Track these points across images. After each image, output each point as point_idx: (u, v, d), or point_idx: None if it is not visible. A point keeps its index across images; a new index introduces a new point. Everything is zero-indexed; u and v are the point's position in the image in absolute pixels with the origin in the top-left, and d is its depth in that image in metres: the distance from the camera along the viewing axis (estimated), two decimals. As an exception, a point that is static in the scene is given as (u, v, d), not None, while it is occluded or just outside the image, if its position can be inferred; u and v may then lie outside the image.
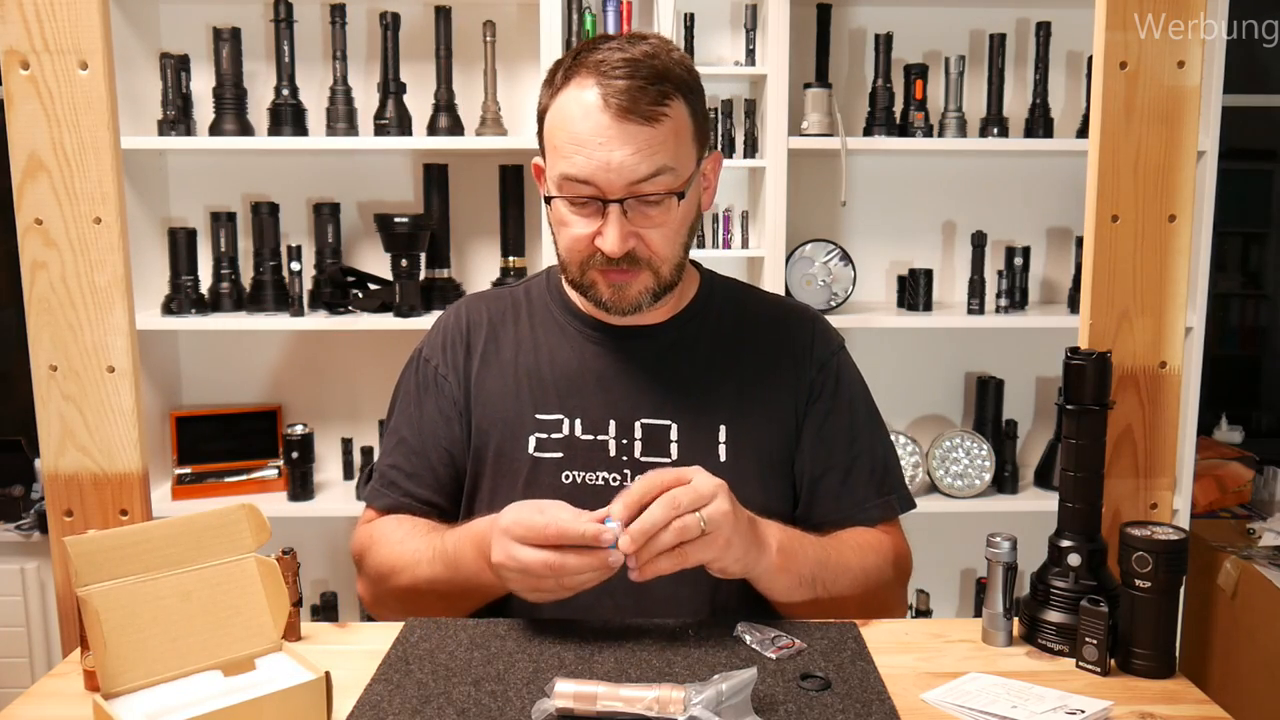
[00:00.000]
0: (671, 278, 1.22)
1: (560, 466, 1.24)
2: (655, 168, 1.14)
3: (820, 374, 1.30)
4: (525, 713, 0.93)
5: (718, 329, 1.31)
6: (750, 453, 1.25)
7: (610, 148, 1.12)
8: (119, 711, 0.88)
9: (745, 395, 1.27)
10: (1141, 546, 1.04)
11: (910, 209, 2.62)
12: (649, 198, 1.15)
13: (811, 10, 2.45)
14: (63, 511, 1.24)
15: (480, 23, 2.40)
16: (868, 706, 0.95)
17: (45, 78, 1.18)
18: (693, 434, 1.25)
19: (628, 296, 1.20)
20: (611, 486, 1.22)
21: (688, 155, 1.18)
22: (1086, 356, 1.12)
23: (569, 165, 1.14)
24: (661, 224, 1.17)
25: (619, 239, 1.15)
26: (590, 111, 1.13)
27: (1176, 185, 1.21)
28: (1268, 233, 3.28)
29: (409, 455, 1.29)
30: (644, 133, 1.13)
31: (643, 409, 1.25)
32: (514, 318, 1.33)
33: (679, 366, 1.28)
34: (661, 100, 1.13)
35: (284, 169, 2.54)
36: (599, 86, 1.13)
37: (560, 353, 1.29)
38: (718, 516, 1.02)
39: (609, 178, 1.13)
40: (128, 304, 1.22)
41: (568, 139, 1.14)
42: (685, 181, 1.17)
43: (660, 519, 1.00)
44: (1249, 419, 3.19)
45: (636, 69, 1.13)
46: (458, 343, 1.31)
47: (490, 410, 1.28)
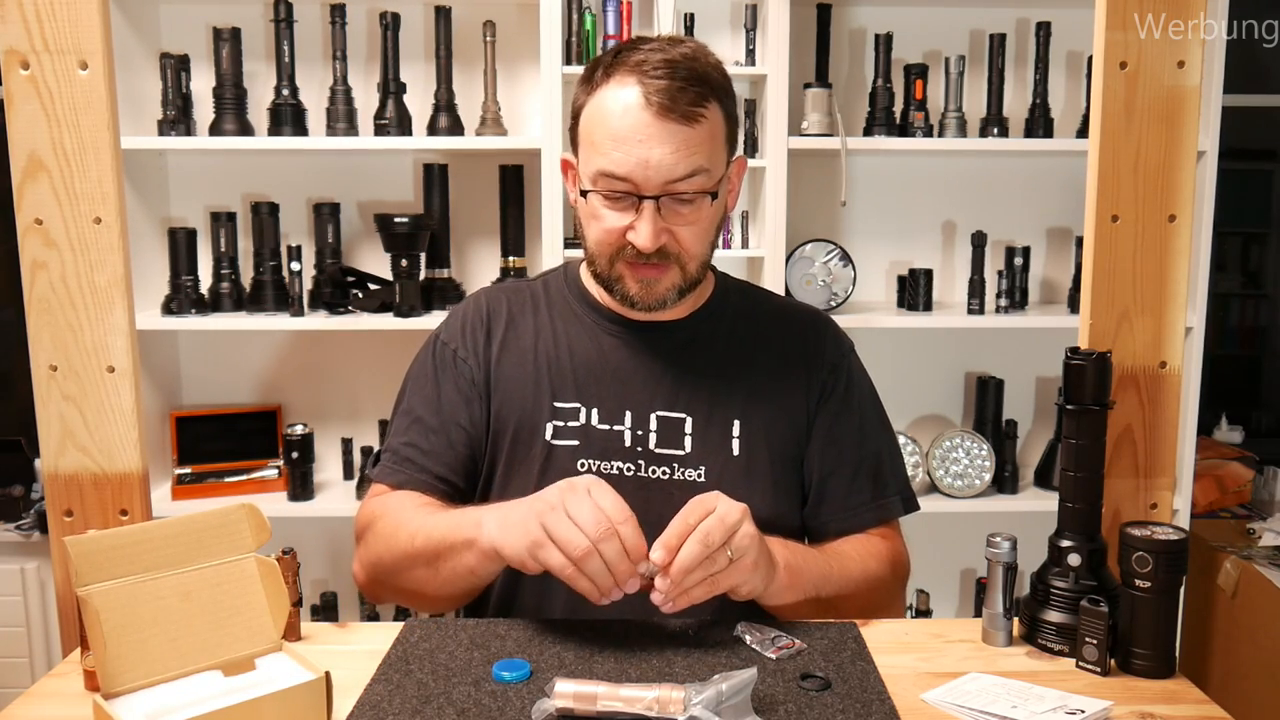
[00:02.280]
0: (698, 274, 1.25)
1: (576, 454, 1.25)
2: (692, 168, 1.16)
3: (831, 375, 1.32)
4: (525, 713, 0.93)
5: (733, 328, 1.33)
6: (762, 448, 1.27)
7: (650, 145, 1.14)
8: (119, 711, 0.88)
9: (758, 392, 1.29)
10: (1141, 546, 1.04)
11: (910, 209, 2.62)
12: (683, 196, 1.17)
13: (811, 10, 2.45)
14: (63, 511, 1.24)
15: (480, 23, 2.40)
16: (868, 706, 0.95)
17: (45, 78, 1.18)
18: (707, 428, 1.26)
19: (656, 291, 1.23)
20: (625, 476, 1.23)
21: (720, 157, 1.20)
22: (1086, 356, 1.12)
23: (607, 161, 1.16)
24: (694, 222, 1.20)
25: (652, 234, 1.17)
26: (631, 109, 1.15)
27: (1176, 185, 1.21)
28: (1268, 233, 3.28)
29: (426, 434, 1.28)
30: (683, 132, 1.15)
31: (659, 401, 1.27)
32: (533, 308, 1.34)
33: (695, 362, 1.29)
34: (700, 101, 1.16)
35: (284, 169, 2.54)
36: (640, 85, 1.15)
37: (579, 343, 1.30)
38: (744, 543, 1.04)
39: (647, 174, 1.15)
40: (128, 304, 1.22)
41: (607, 135, 1.16)
42: (718, 182, 1.20)
43: (697, 555, 1.01)
44: (1249, 419, 3.19)
45: (676, 70, 1.15)
46: (478, 328, 1.32)
47: (509, 396, 1.28)
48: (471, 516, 1.13)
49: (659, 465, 1.24)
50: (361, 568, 1.28)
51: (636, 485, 1.22)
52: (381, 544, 1.21)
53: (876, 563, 1.26)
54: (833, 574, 1.19)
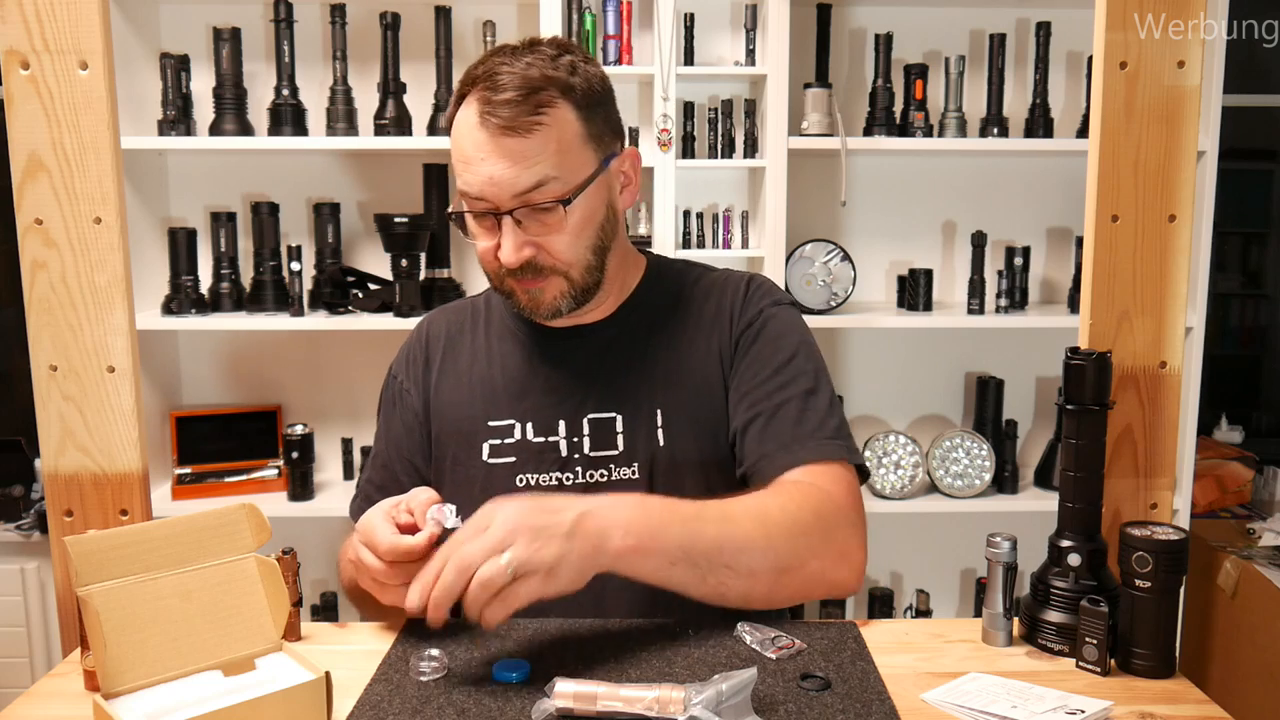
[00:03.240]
0: (585, 280, 1.22)
1: (514, 470, 1.25)
2: (537, 178, 1.14)
3: (747, 330, 1.27)
4: (525, 713, 0.93)
5: (656, 315, 1.30)
6: (686, 430, 1.24)
7: (490, 163, 1.14)
8: (119, 711, 0.88)
9: (677, 371, 1.26)
10: (1141, 546, 1.04)
11: (910, 209, 2.62)
12: (539, 206, 1.16)
13: (811, 10, 2.45)
14: (63, 511, 1.24)
15: (480, 23, 2.40)
16: (868, 706, 0.95)
17: (45, 78, 1.18)
18: (634, 422, 1.25)
19: (543, 302, 1.21)
20: (565, 485, 1.23)
21: (577, 160, 1.17)
22: (1086, 356, 1.12)
23: (461, 182, 1.17)
24: (557, 230, 1.17)
25: (513, 249, 1.17)
26: (471, 129, 1.15)
27: (1176, 185, 1.21)
28: (1268, 233, 3.29)
29: (380, 469, 1.35)
30: (519, 145, 1.13)
31: (589, 405, 1.26)
32: (471, 327, 1.35)
33: (620, 358, 1.28)
34: (536, 110, 1.13)
35: (284, 169, 2.54)
36: (478, 103, 1.15)
37: (511, 358, 1.30)
38: (523, 556, 0.95)
39: (494, 191, 1.15)
40: (128, 304, 1.22)
41: (458, 157, 1.17)
42: (575, 187, 1.17)
43: (454, 584, 0.95)
44: (1249, 419, 3.19)
45: (510, 82, 1.13)
46: (418, 357, 1.35)
47: (447, 421, 1.30)
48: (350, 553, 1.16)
49: (595, 469, 1.24)
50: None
51: (578, 492, 1.17)
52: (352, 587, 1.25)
53: (784, 510, 1.10)
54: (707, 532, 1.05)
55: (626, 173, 1.26)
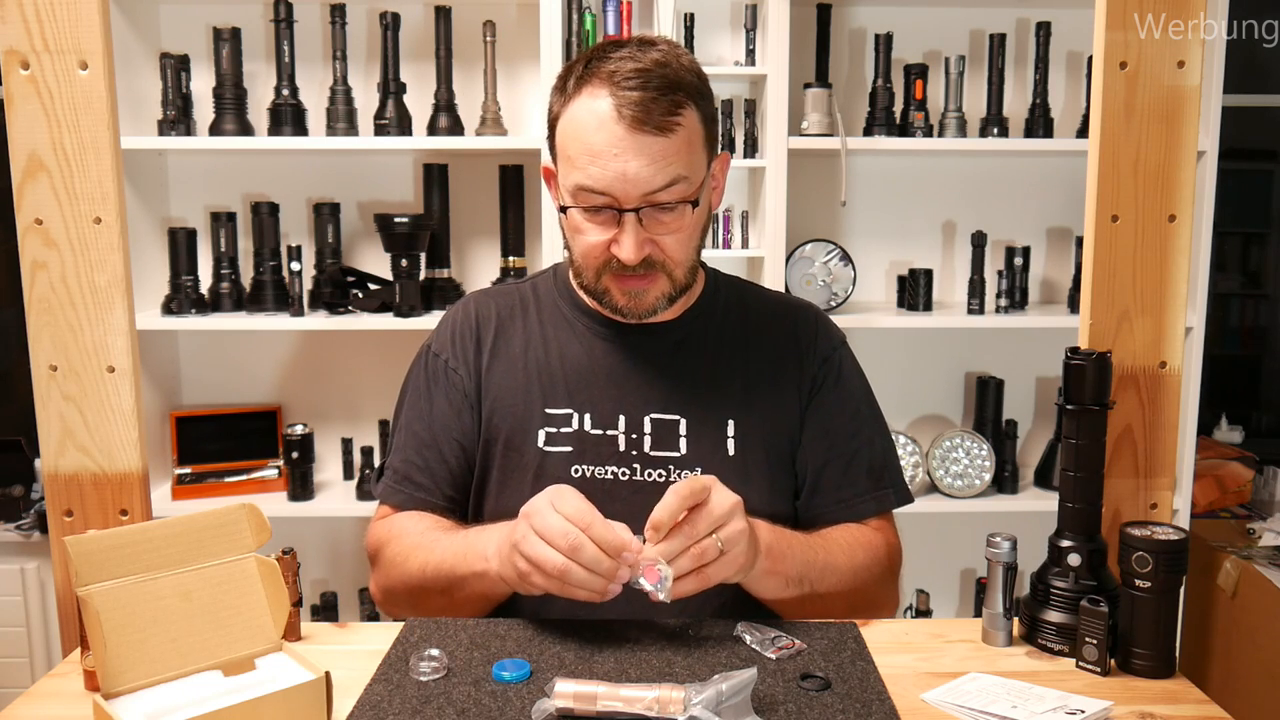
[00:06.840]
0: (686, 280, 1.24)
1: (570, 460, 1.24)
2: (670, 178, 1.14)
3: (823, 368, 1.32)
4: (525, 713, 0.93)
5: (724, 326, 1.32)
6: (758, 446, 1.26)
7: (625, 159, 1.13)
8: (119, 711, 0.88)
9: (752, 390, 1.28)
10: (1141, 546, 1.04)
11: (910, 209, 2.62)
12: (664, 205, 1.16)
13: (811, 10, 2.45)
14: (63, 511, 1.24)
15: (480, 23, 2.40)
16: (868, 706, 0.95)
17: (45, 78, 1.18)
18: (701, 429, 1.26)
19: (644, 303, 1.22)
20: (621, 480, 1.23)
21: (700, 161, 1.19)
22: (1086, 356, 1.12)
23: (584, 176, 1.15)
24: (677, 230, 1.18)
25: (635, 247, 1.16)
26: (604, 123, 1.13)
27: (1176, 185, 1.21)
28: (1268, 233, 3.28)
29: (420, 449, 1.29)
30: (658, 144, 1.13)
31: (652, 404, 1.26)
32: (522, 313, 1.33)
33: (687, 363, 1.29)
34: (674, 110, 1.14)
35: (284, 169, 2.54)
36: (612, 97, 1.13)
37: (570, 348, 1.30)
38: (734, 535, 1.04)
39: (625, 189, 1.14)
40: (128, 304, 1.22)
41: (582, 149, 1.15)
42: (698, 188, 1.19)
43: (678, 549, 1.02)
44: (1249, 419, 3.19)
45: (649, 79, 1.13)
46: (467, 337, 1.32)
47: (500, 404, 1.28)
48: (478, 548, 1.13)
49: (654, 468, 1.24)
50: (378, 590, 1.29)
51: (632, 489, 1.22)
52: (395, 571, 1.22)
53: (865, 553, 1.24)
54: (817, 561, 1.18)
55: (717, 175, 1.27)
